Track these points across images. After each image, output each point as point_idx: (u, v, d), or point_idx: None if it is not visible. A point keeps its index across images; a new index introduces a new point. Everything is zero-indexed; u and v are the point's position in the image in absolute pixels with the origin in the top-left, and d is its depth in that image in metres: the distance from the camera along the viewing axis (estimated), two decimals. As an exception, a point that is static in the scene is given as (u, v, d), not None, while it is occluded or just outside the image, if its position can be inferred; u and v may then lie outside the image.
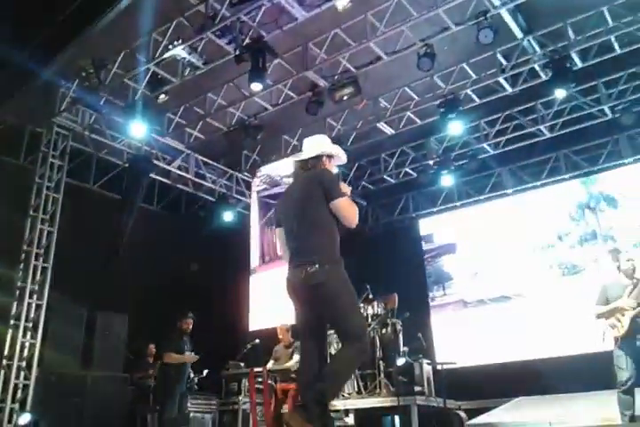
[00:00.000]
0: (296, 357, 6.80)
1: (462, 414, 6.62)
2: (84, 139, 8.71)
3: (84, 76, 7.44)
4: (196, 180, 10.09)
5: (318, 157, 3.55)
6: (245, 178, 10.79)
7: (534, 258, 9.81)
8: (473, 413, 7.04)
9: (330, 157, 3.60)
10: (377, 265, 9.93)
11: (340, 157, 3.67)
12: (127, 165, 9.06)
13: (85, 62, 7.34)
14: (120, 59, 7.55)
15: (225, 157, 10.32)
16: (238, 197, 10.77)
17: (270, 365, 6.93)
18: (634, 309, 5.17)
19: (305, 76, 8.06)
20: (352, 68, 8.04)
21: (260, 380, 6.66)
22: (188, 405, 7.22)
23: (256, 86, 7.52)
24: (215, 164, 10.39)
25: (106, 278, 8.07)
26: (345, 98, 7.98)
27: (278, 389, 6.75)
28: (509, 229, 10.22)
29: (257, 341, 7.33)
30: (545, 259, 9.74)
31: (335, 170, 3.64)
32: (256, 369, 6.54)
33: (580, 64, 7.88)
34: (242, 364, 7.26)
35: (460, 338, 9.75)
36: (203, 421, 7.70)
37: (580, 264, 9.38)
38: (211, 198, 10.50)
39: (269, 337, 7.57)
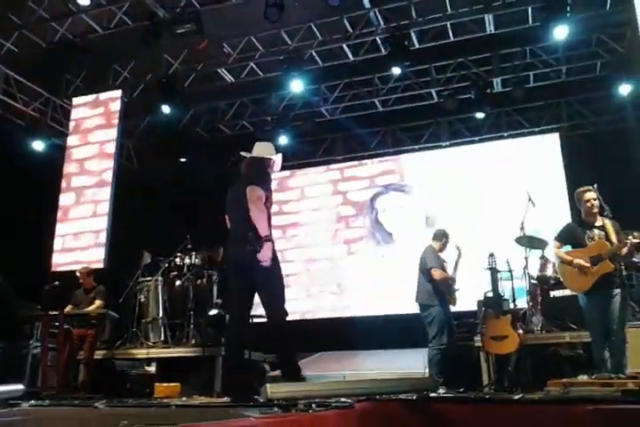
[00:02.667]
0: (97, 302, 6.44)
1: (266, 366, 6.81)
2: None
3: None
4: (5, 98, 8.84)
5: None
6: (64, 105, 9.70)
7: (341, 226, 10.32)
8: (278, 365, 7.27)
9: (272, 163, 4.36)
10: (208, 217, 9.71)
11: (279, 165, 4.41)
12: None
13: None
14: None
15: (42, 78, 9.15)
16: (54, 125, 9.69)
17: (68, 309, 6.45)
18: None
19: (143, 3, 7.45)
20: (196, 4, 7.61)
21: (55, 324, 6.19)
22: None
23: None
24: (29, 84, 9.17)
25: None
26: (184, 33, 7.48)
27: (74, 334, 6.34)
28: (331, 194, 10.61)
29: (56, 283, 6.74)
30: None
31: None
32: (51, 312, 6.04)
33: (416, 44, 8.28)
34: (38, 306, 6.64)
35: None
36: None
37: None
38: (20, 122, 9.30)
39: (72, 280, 7.02)
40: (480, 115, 9.31)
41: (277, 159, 4.40)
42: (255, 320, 7.14)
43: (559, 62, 8.79)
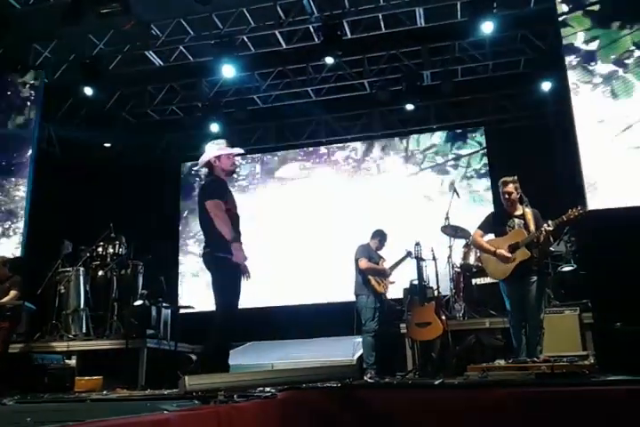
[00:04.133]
0: (12, 293, 6.11)
1: (193, 356, 6.70)
2: None
3: None
4: None
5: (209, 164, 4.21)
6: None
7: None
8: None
9: (217, 157, 4.20)
10: (132, 205, 9.45)
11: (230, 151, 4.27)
12: None
13: None
14: None
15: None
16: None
17: (-20, 300, 6.09)
18: None
19: (66, -22, 7.05)
20: (124, -18, 7.26)
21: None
22: None
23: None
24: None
25: None
26: (109, 13, 7.13)
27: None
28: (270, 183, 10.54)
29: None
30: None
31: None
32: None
33: (349, 35, 8.29)
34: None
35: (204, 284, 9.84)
36: None
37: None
38: None
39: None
40: (410, 106, 9.45)
41: (223, 152, 4.24)
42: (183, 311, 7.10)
43: (486, 58, 9.02)
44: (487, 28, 7.48)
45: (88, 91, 8.54)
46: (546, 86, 8.89)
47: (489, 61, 9.09)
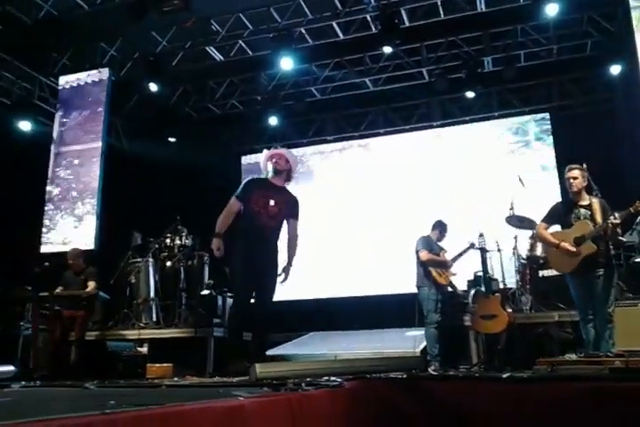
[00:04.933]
0: (91, 283, 6.40)
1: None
2: None
3: None
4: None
5: None
6: (51, 83, 9.52)
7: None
8: (270, 345, 7.33)
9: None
10: (198, 197, 9.67)
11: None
12: None
13: None
14: None
15: (28, 57, 8.96)
16: (41, 104, 9.53)
17: (58, 291, 6.42)
18: None
19: (129, -22, 7.28)
20: (183, -20, 7.42)
21: (46, 305, 6.18)
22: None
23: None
24: (15, 62, 8.97)
25: None
26: (170, 10, 7.32)
27: (65, 316, 6.32)
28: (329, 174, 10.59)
29: (46, 264, 6.72)
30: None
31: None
32: (42, 294, 6.02)
33: (407, 23, 8.18)
34: (29, 288, 6.63)
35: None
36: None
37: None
38: (6, 101, 9.13)
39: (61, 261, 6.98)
40: (470, 94, 9.25)
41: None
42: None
43: (550, 41, 8.71)
44: (552, 10, 7.23)
45: (152, 87, 8.82)
46: (615, 70, 8.50)
47: (553, 45, 8.77)
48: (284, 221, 4.54)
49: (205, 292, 6.69)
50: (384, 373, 3.35)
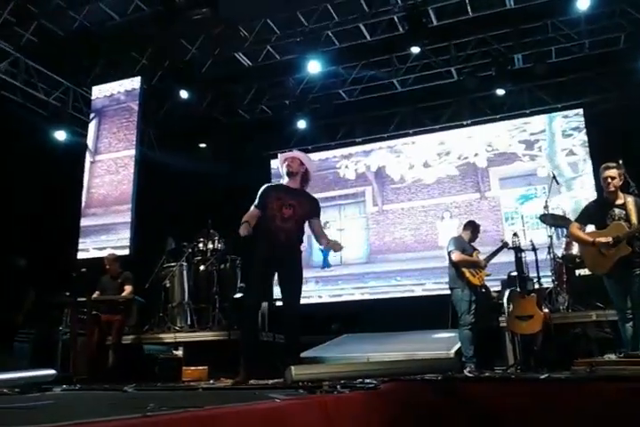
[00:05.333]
0: (128, 288, 6.52)
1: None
2: None
3: None
4: (27, 88, 8.90)
5: None
6: (85, 93, 9.77)
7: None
8: (303, 347, 7.36)
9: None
10: (223, 200, 9.78)
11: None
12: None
13: None
14: None
15: (62, 68, 9.20)
16: (76, 113, 9.77)
17: (96, 295, 6.56)
18: None
19: (159, -13, 7.41)
20: (211, -13, 7.53)
21: (84, 310, 6.31)
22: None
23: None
24: (50, 73, 9.23)
25: None
26: (198, 17, 7.43)
27: (102, 320, 6.45)
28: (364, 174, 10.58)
29: (83, 269, 6.87)
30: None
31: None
32: (80, 299, 6.16)
33: (435, 21, 8.13)
34: (67, 293, 6.79)
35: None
36: (21, 350, 7.16)
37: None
38: (42, 112, 9.39)
39: (98, 267, 7.13)
40: (501, 92, 9.14)
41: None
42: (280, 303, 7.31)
43: (581, 36, 8.55)
44: (583, 4, 7.09)
45: (183, 94, 8.96)
46: (650, 62, 8.29)
47: (585, 40, 8.60)
48: (305, 223, 4.52)
49: (238, 295, 6.74)
50: (419, 375, 3.33)
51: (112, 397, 3.03)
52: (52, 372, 4.03)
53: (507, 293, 5.92)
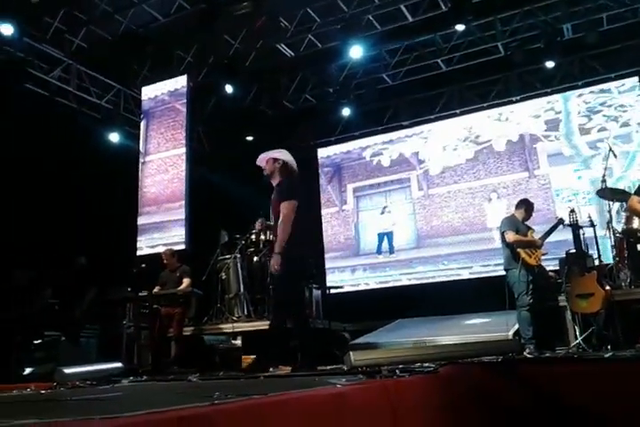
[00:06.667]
0: (186, 281, 6.70)
1: (346, 334, 6.93)
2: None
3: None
4: (79, 93, 9.22)
5: None
6: (134, 95, 10.02)
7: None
8: (357, 334, 7.42)
9: None
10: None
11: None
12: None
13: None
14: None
15: (112, 71, 9.48)
16: (127, 115, 10.04)
17: (156, 290, 6.79)
18: None
19: (199, -14, 7.50)
20: (251, -17, 7.56)
21: (145, 304, 6.54)
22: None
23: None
24: (101, 77, 9.51)
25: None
26: (241, 13, 7.50)
27: (163, 313, 6.66)
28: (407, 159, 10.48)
29: (143, 265, 7.10)
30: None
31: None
32: (141, 294, 6.39)
33: (477, -4, 7.91)
34: (129, 289, 7.05)
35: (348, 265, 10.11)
36: (88, 345, 7.50)
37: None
38: (95, 115, 9.71)
39: (156, 262, 7.37)
40: (550, 64, 8.83)
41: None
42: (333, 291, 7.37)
43: (634, 1, 8.14)
44: (634, -33, 6.73)
45: (229, 89, 9.08)
46: None
47: (638, 4, 8.18)
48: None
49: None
50: (478, 357, 3.31)
51: (178, 387, 3.14)
52: (119, 365, 4.21)
53: (565, 271, 5.78)
